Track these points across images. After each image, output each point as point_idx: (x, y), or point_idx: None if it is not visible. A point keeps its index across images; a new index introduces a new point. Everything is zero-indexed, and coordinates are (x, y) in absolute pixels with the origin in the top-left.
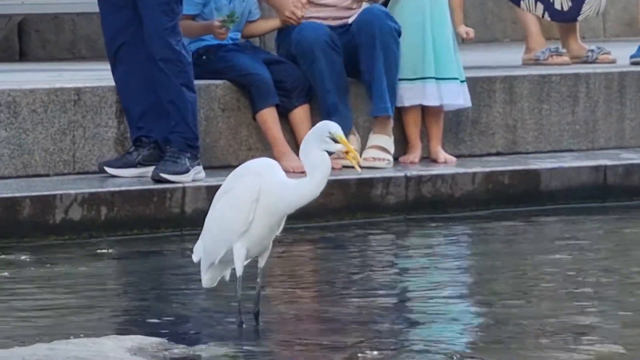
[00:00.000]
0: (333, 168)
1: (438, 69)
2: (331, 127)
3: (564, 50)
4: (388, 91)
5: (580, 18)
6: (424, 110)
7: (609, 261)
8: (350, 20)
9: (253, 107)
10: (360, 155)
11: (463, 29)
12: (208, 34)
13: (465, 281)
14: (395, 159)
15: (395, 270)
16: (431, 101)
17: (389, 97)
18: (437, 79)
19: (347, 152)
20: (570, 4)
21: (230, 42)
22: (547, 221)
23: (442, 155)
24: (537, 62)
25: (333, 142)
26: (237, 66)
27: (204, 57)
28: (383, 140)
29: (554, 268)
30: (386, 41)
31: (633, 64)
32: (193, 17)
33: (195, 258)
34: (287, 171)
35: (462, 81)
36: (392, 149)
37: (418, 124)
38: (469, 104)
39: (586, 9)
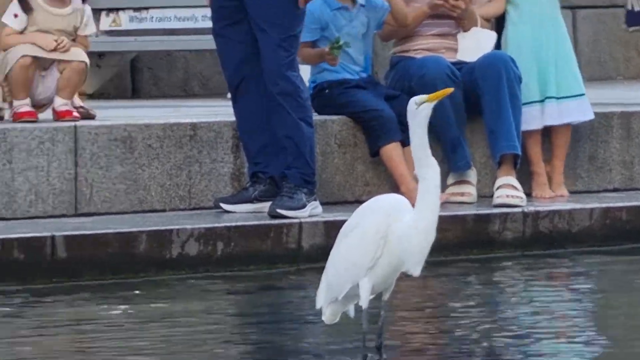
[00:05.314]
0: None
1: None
2: (415, 99)
3: None
4: (515, 133)
5: None
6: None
7: None
8: (458, 56)
9: (375, 143)
10: (492, 195)
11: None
12: (322, 61)
13: (584, 321)
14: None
15: (516, 307)
16: (554, 120)
17: (516, 138)
18: (557, 98)
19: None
20: None
21: (357, 77)
22: None
23: (561, 191)
24: None
25: (420, 105)
26: (360, 102)
27: (327, 91)
28: (512, 180)
29: None
30: (512, 87)
31: None
32: (313, 43)
33: (318, 305)
34: None
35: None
36: (520, 188)
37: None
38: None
39: None
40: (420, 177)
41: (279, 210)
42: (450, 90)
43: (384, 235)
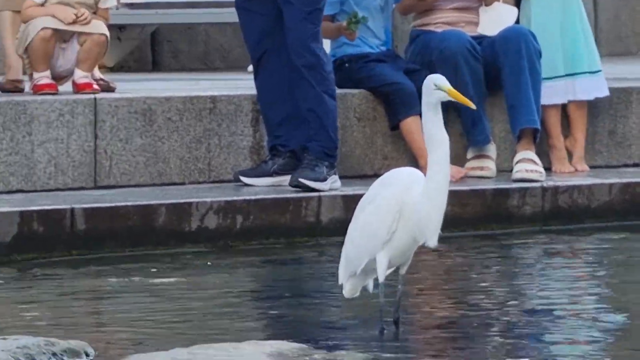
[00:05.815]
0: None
1: (570, 64)
2: (435, 79)
3: None
4: (535, 107)
5: None
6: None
7: None
8: (479, 30)
9: (395, 116)
10: (512, 170)
11: None
12: (341, 35)
13: (602, 296)
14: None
15: (534, 282)
16: (585, 95)
17: (536, 113)
18: (591, 72)
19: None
20: None
21: (377, 51)
22: None
23: (582, 167)
24: None
25: (440, 91)
26: (380, 75)
27: (347, 65)
28: (531, 155)
29: None
30: (532, 61)
31: None
32: (332, 17)
33: (340, 280)
34: None
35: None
36: (540, 162)
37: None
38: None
39: None
40: (430, 149)
41: (301, 180)
42: (471, 105)
43: (399, 208)
